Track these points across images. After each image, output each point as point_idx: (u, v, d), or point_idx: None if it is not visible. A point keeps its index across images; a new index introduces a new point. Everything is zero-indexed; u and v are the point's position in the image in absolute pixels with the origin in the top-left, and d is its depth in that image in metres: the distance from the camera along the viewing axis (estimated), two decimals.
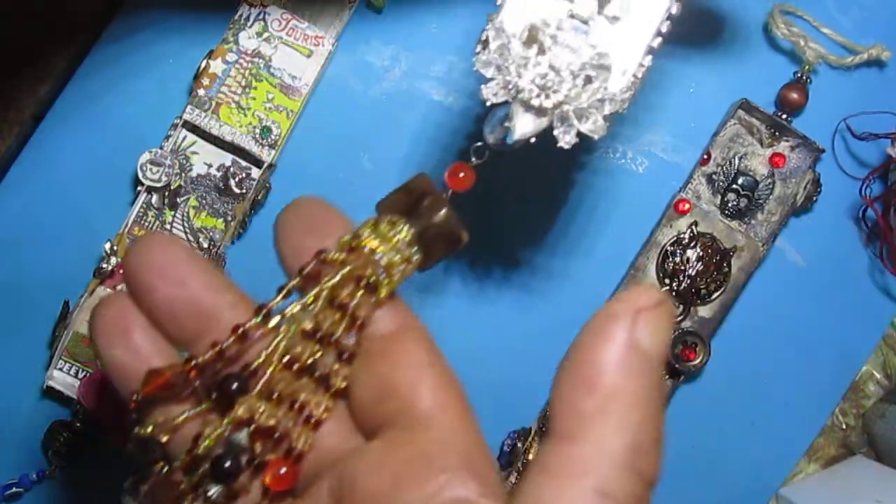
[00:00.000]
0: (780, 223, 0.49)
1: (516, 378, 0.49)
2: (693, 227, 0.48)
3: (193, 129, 0.48)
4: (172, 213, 0.48)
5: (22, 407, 0.50)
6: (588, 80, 0.28)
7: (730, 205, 0.49)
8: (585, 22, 0.29)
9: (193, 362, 0.26)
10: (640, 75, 0.30)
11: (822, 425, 0.52)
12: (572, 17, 0.29)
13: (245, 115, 0.48)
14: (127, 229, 0.48)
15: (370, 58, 0.50)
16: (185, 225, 0.48)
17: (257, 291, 0.51)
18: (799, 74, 0.49)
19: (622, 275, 0.49)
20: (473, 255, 0.50)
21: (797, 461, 0.52)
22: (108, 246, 0.48)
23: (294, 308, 0.27)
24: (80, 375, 0.48)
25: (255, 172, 0.48)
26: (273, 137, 0.48)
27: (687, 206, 0.48)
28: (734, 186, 0.49)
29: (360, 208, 0.50)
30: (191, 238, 0.49)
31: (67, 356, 0.48)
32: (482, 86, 0.29)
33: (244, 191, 0.48)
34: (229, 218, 0.49)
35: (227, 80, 0.48)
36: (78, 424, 0.49)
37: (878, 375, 0.52)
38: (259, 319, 0.26)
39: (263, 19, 0.48)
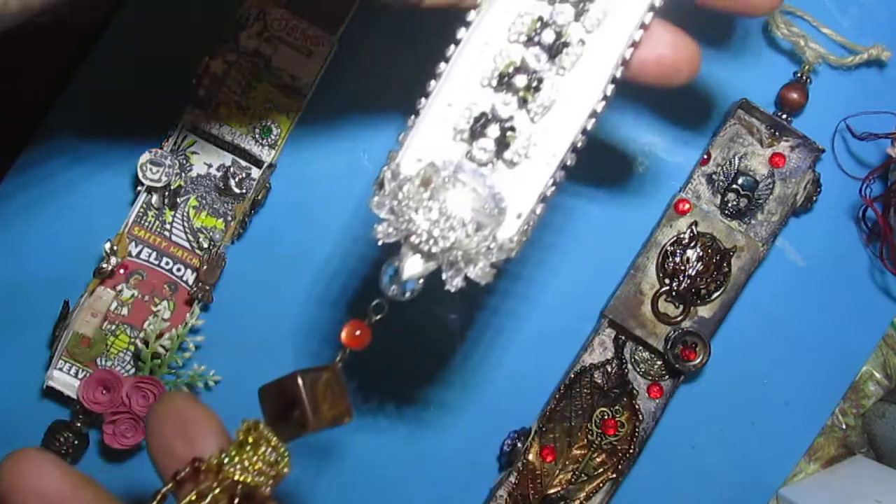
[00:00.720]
0: (780, 223, 0.49)
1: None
2: (693, 227, 0.48)
3: (193, 129, 0.48)
4: (172, 213, 0.48)
5: (22, 407, 0.50)
6: (479, 226, 0.29)
7: (730, 205, 0.49)
8: (484, 165, 0.30)
9: None
10: (531, 223, 0.30)
11: (822, 425, 0.52)
12: (471, 159, 0.30)
13: (245, 115, 0.48)
14: (127, 229, 0.48)
15: (370, 58, 0.50)
16: (185, 225, 0.48)
17: (257, 291, 0.52)
18: (799, 74, 0.49)
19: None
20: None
21: (797, 461, 0.52)
22: (108, 246, 0.48)
23: None
24: (80, 375, 0.48)
25: (255, 172, 0.48)
26: (273, 137, 0.48)
27: (687, 206, 0.48)
28: (734, 186, 0.49)
29: (359, 208, 0.50)
30: (191, 238, 0.49)
31: (67, 356, 0.48)
32: (376, 224, 0.29)
33: (244, 191, 0.48)
34: (229, 218, 0.49)
35: (227, 80, 0.48)
36: (78, 424, 0.49)
37: (878, 375, 0.52)
38: None
39: (263, 19, 0.48)
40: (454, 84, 0.30)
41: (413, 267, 0.29)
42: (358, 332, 0.30)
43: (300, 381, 0.28)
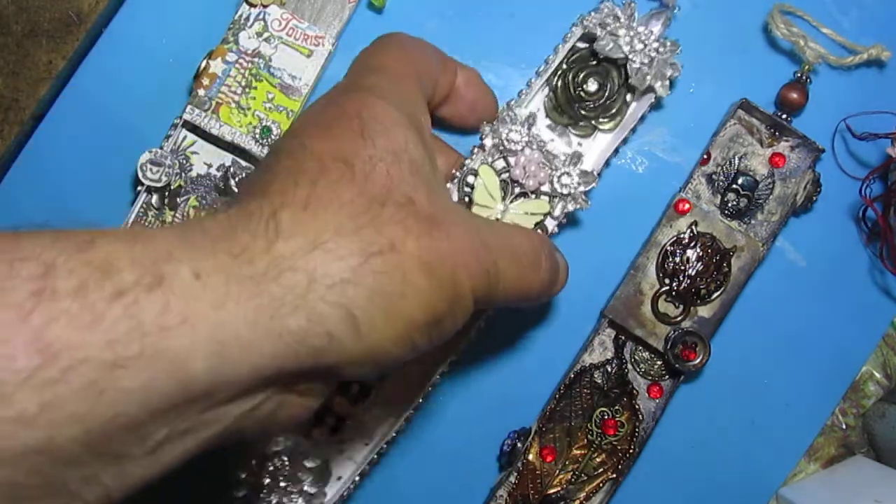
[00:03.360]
0: (780, 223, 0.49)
1: None
2: (693, 227, 0.48)
3: (193, 129, 0.48)
4: (172, 213, 0.48)
5: None
6: (316, 494, 0.43)
7: (730, 205, 0.49)
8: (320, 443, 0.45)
9: None
10: (348, 491, 0.45)
11: (822, 425, 0.52)
12: (310, 439, 0.44)
13: (245, 115, 0.48)
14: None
15: None
16: None
17: None
18: (799, 74, 0.49)
19: (619, 280, 0.49)
20: None
21: (797, 461, 0.52)
22: None
23: None
24: None
25: None
26: (273, 137, 0.48)
27: (687, 206, 0.48)
28: (734, 186, 0.49)
29: None
30: None
31: None
32: None
33: None
34: None
35: (227, 80, 0.48)
36: None
37: (878, 375, 0.52)
38: None
39: (263, 19, 0.48)
40: None
41: None
42: None
43: None
